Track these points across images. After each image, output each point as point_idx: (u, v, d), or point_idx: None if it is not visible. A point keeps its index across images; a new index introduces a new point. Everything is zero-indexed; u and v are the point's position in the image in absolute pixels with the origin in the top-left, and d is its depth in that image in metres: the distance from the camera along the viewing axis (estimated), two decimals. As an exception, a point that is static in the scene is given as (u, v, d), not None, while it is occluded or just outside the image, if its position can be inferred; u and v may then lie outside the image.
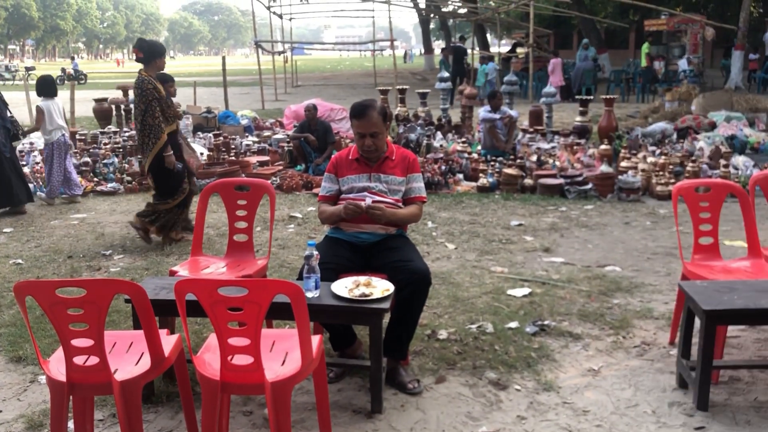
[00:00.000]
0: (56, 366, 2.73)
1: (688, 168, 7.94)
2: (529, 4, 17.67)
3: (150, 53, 5.69)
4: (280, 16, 25.41)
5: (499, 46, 36.51)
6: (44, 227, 6.78)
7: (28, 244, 6.20)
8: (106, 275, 5.26)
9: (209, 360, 2.75)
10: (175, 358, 2.90)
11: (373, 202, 3.56)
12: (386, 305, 3.06)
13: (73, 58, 36.92)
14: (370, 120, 3.59)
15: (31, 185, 8.38)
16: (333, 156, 3.90)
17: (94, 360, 2.62)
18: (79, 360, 2.63)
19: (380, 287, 3.16)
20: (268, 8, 23.31)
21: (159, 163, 5.74)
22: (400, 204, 3.70)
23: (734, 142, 9.64)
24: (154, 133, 5.64)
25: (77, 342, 2.60)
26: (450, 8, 33.43)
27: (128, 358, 2.85)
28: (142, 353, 2.83)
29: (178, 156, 5.92)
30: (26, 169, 8.84)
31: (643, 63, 20.39)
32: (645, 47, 21.10)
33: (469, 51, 22.85)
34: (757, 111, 11.51)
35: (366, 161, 3.71)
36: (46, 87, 7.87)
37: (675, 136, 10.23)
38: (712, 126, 10.52)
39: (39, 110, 7.69)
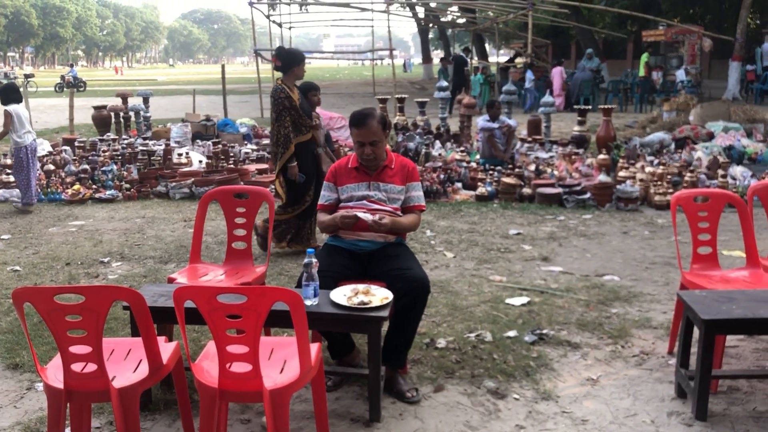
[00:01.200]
0: (54, 373, 2.72)
1: (686, 178, 7.96)
2: (527, 14, 17.77)
3: (288, 61, 5.58)
4: (280, 25, 25.47)
5: (498, 56, 36.63)
6: (42, 234, 6.77)
7: (26, 251, 6.19)
8: (104, 282, 5.25)
9: (207, 367, 2.75)
10: (173, 366, 2.89)
11: (373, 213, 3.57)
12: (385, 313, 3.05)
13: (71, 66, 36.96)
14: (369, 129, 3.61)
15: (29, 192, 8.39)
16: (332, 165, 3.91)
17: (92, 367, 2.62)
18: (76, 367, 2.63)
19: (379, 295, 3.16)
20: (268, 17, 23.38)
21: (285, 172, 5.68)
22: (399, 212, 3.71)
23: (732, 152, 9.67)
24: (282, 143, 5.58)
25: (75, 349, 2.59)
26: (449, 18, 33.57)
27: (126, 365, 2.84)
28: (140, 360, 2.83)
29: (315, 166, 5.82)
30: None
31: (641, 73, 20.46)
32: (644, 57, 21.17)
33: (468, 61, 22.89)
34: (754, 122, 11.54)
35: (365, 170, 3.71)
36: (11, 93, 7.85)
37: (673, 146, 10.26)
38: (710, 136, 10.55)
39: (7, 114, 7.65)
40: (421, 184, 3.87)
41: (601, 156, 8.71)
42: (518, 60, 25.24)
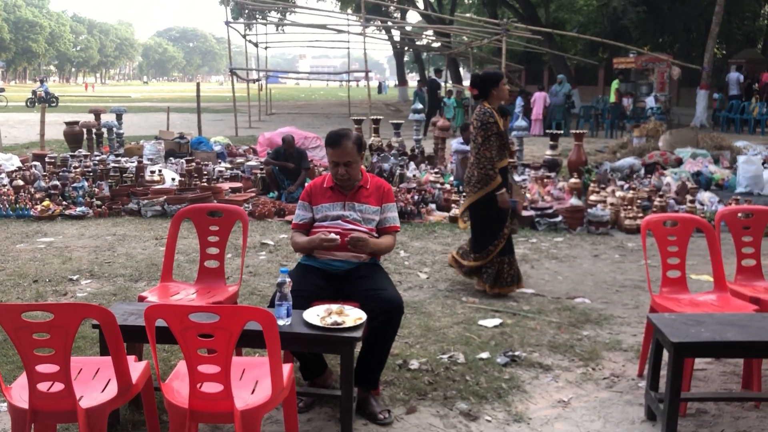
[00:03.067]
0: (18, 392, 2.67)
1: (655, 203, 8.09)
2: (501, 39, 18.03)
3: (483, 86, 5.26)
4: (256, 45, 25.52)
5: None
6: (9, 251, 6.64)
7: (-8, 267, 6.07)
8: (73, 300, 5.16)
9: (178, 387, 2.71)
10: (142, 385, 2.85)
11: (344, 230, 3.58)
12: (358, 334, 3.04)
13: (42, 81, 36.38)
14: (344, 149, 3.62)
15: (-4, 208, 8.23)
16: (307, 184, 3.91)
17: (58, 386, 2.57)
18: (43, 386, 2.57)
19: (352, 316, 3.15)
20: (244, 36, 23.44)
21: (487, 202, 5.20)
22: (374, 233, 3.71)
23: (700, 178, 9.87)
24: (489, 168, 5.15)
25: (42, 368, 2.54)
26: (424, 42, 33.93)
27: (94, 384, 2.79)
28: (109, 380, 2.78)
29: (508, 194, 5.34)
30: (-8, 191, 8.69)
31: (612, 99, 20.85)
32: (615, 83, 21.58)
33: (442, 84, 23.11)
34: (721, 148, 11.81)
35: (340, 189, 3.72)
36: None
37: (643, 171, 10.44)
38: (679, 162, 10.76)
39: None
40: (396, 205, 3.88)
41: (573, 180, 8.84)
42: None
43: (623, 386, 3.78)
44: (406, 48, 37.85)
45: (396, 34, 34.89)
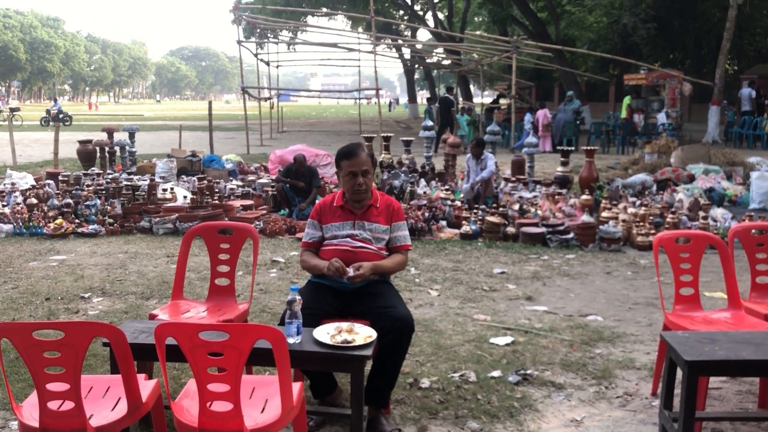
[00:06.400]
0: (29, 411, 2.67)
1: (667, 219, 8.04)
2: (511, 56, 18.09)
3: None
4: (267, 63, 25.74)
5: (482, 97, 37.14)
6: (22, 269, 6.68)
7: (5, 285, 6.10)
8: (84, 318, 5.17)
9: (187, 406, 2.70)
10: (152, 404, 2.85)
11: (353, 248, 3.59)
12: (368, 352, 3.03)
13: (55, 100, 36.81)
14: (360, 158, 3.65)
15: (9, 226, 8.30)
16: (317, 202, 3.92)
17: (69, 405, 2.56)
18: (53, 405, 2.57)
19: (363, 334, 3.13)
20: (256, 55, 23.65)
21: None
22: (384, 251, 3.71)
23: (712, 194, 9.81)
24: None
25: (52, 386, 2.54)
26: (434, 59, 34.07)
27: (104, 403, 2.79)
28: (119, 398, 2.78)
29: None
30: (6, 210, 8.77)
31: (623, 115, 20.82)
32: (627, 99, 21.57)
33: (455, 102, 23.19)
34: (733, 165, 11.74)
35: (350, 209, 3.72)
36: None
37: (655, 187, 10.39)
38: (691, 178, 10.71)
39: None
40: (406, 223, 3.88)
41: (584, 196, 8.81)
42: (502, 101, 25.61)
43: (637, 405, 3.73)
44: (416, 66, 38.04)
45: (406, 52, 35.09)
